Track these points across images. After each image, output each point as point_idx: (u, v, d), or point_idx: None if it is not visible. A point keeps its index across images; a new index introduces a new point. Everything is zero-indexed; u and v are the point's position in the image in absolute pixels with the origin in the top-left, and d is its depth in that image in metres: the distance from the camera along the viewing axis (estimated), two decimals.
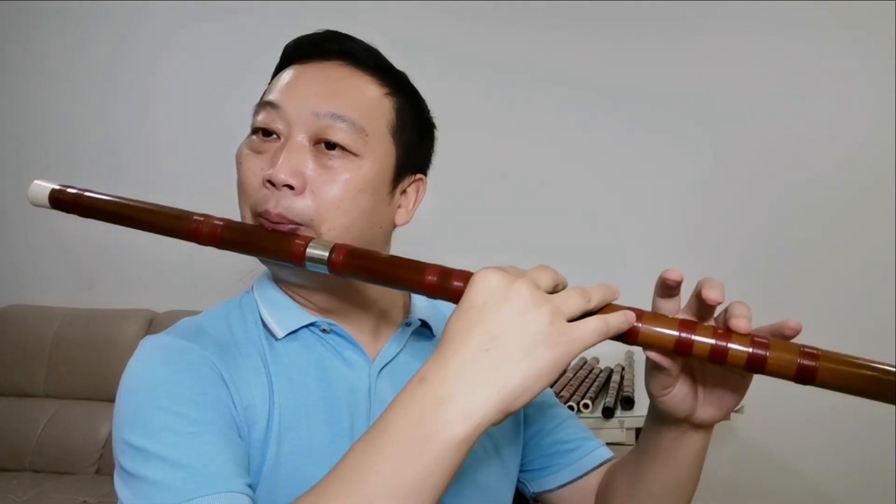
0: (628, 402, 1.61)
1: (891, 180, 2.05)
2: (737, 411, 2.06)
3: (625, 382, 1.75)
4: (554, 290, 0.51)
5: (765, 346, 0.48)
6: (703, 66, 2.20)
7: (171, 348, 0.61)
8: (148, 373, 0.58)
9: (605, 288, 0.51)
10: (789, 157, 2.14)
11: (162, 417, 0.54)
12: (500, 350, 0.45)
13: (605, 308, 0.51)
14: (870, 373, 0.47)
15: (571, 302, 0.49)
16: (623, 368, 1.90)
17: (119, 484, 0.54)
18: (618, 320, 0.49)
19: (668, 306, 0.54)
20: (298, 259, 0.57)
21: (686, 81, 2.20)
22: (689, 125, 2.20)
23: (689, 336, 0.49)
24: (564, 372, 1.85)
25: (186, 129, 2.46)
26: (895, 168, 2.05)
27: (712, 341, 0.49)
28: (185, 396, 0.56)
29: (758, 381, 0.58)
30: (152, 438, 0.53)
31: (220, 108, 2.16)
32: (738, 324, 0.49)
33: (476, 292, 0.48)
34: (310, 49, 0.68)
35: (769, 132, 2.15)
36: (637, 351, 2.04)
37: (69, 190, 0.64)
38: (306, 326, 0.68)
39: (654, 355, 0.53)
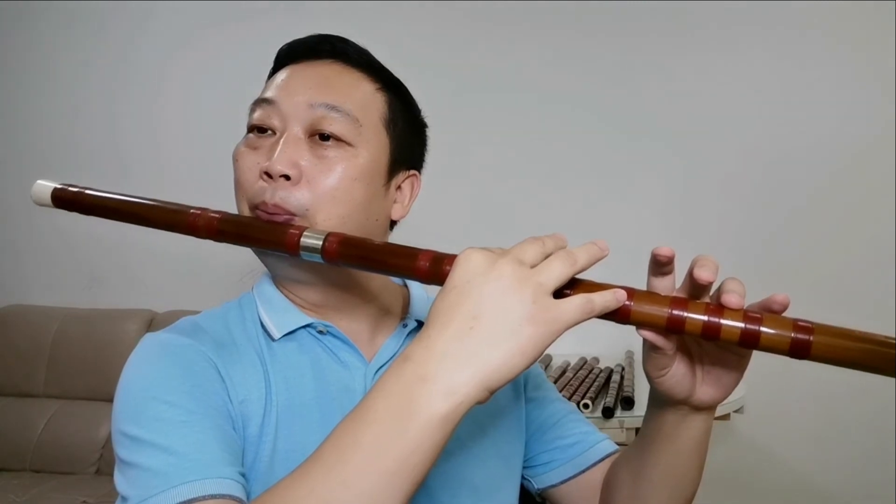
0: (628, 403, 1.61)
1: (883, 169, 2.08)
2: (737, 411, 2.06)
3: (625, 382, 1.75)
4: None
5: (758, 321, 0.47)
6: (693, 63, 2.22)
7: (168, 344, 0.61)
8: (144, 367, 0.59)
9: (592, 246, 0.51)
10: (778, 149, 2.16)
11: (156, 407, 0.55)
12: (483, 329, 0.45)
13: (595, 286, 0.50)
14: (865, 345, 0.46)
15: (556, 272, 0.48)
16: (623, 368, 1.90)
17: (116, 474, 0.55)
18: (604, 299, 0.49)
19: (662, 285, 0.54)
20: (293, 248, 0.58)
21: (675, 81, 2.22)
22: (679, 122, 2.23)
23: (681, 313, 0.49)
24: (564, 371, 1.86)
25: (195, 132, 2.46)
26: (894, 153, 2.07)
27: (704, 317, 0.48)
28: (179, 388, 0.57)
29: (756, 381, 0.58)
30: (146, 427, 0.54)
31: (230, 111, 2.15)
32: (730, 299, 0.48)
33: (460, 272, 0.48)
34: (303, 51, 0.69)
35: (758, 127, 2.18)
36: (637, 351, 2.05)
37: (70, 188, 0.65)
38: (303, 328, 0.68)
39: (647, 334, 0.52)
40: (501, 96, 2.30)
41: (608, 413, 1.58)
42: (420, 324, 0.75)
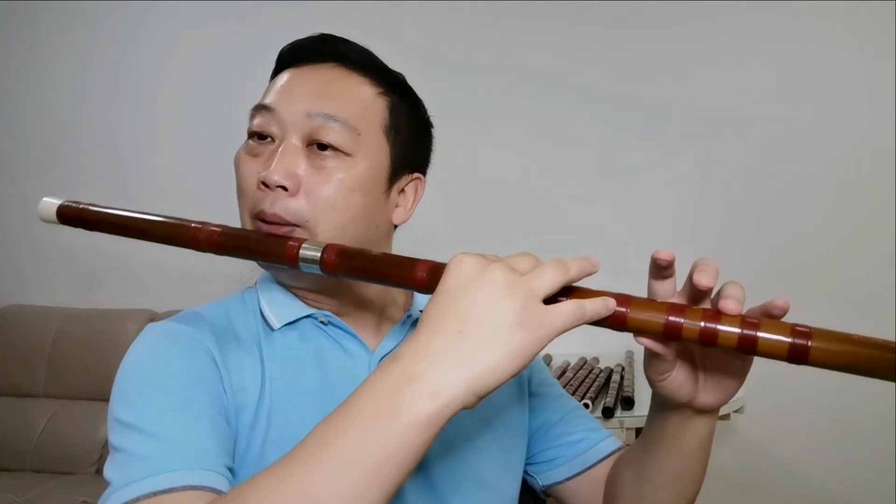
0: (628, 402, 1.61)
1: (888, 170, 2.08)
2: (737, 411, 2.05)
3: (625, 382, 1.75)
4: None
5: (755, 327, 0.47)
6: (699, 64, 2.21)
7: (167, 332, 0.62)
8: (143, 354, 0.60)
9: (584, 261, 0.51)
10: (785, 149, 2.16)
11: (149, 394, 0.56)
12: (473, 333, 0.45)
13: (588, 293, 0.50)
14: (865, 349, 0.45)
15: (547, 279, 0.48)
16: (623, 368, 1.90)
17: (106, 461, 0.55)
18: (595, 306, 0.49)
19: (662, 288, 0.54)
20: (292, 261, 0.58)
21: (682, 80, 2.22)
22: (686, 122, 2.22)
23: (677, 320, 0.49)
24: (564, 371, 1.86)
25: (191, 132, 2.46)
26: (894, 158, 2.07)
27: (701, 324, 0.48)
28: (174, 374, 0.57)
29: (757, 381, 0.58)
30: (138, 413, 0.54)
31: (226, 111, 2.15)
32: (728, 305, 0.48)
33: (451, 277, 0.48)
34: (304, 52, 0.69)
35: (765, 127, 2.17)
36: (637, 351, 2.05)
37: (75, 205, 0.66)
38: (306, 317, 0.69)
39: (645, 341, 0.52)
40: (505, 94, 2.29)
41: (608, 413, 1.58)
42: None
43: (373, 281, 0.58)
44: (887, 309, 2.00)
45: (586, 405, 1.60)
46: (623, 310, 0.50)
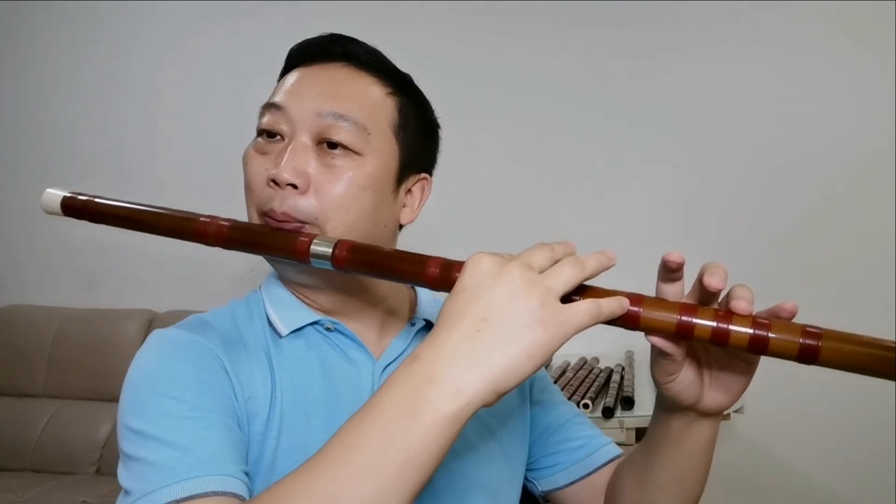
0: (628, 403, 1.62)
1: (887, 170, 2.08)
2: (737, 411, 2.05)
3: (625, 383, 1.75)
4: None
5: (766, 327, 0.48)
6: (700, 64, 2.22)
7: (176, 340, 0.62)
8: (151, 362, 0.59)
9: (600, 255, 0.51)
10: (784, 150, 2.16)
11: (162, 403, 0.55)
12: (492, 331, 0.46)
13: (601, 292, 0.51)
14: (873, 350, 0.46)
15: (564, 276, 0.49)
16: (623, 368, 1.90)
17: (119, 468, 0.55)
18: (611, 305, 0.49)
19: (671, 290, 0.54)
20: (303, 256, 0.58)
21: (684, 80, 2.22)
22: (687, 123, 2.22)
23: (690, 319, 0.49)
24: (564, 371, 1.86)
25: (193, 131, 2.46)
26: (894, 157, 2.07)
27: (713, 323, 0.48)
28: (185, 384, 0.57)
29: (757, 381, 0.58)
30: (151, 422, 0.54)
31: (227, 110, 2.16)
32: (739, 305, 0.49)
33: (469, 276, 0.49)
34: (313, 52, 0.69)
35: (763, 127, 2.17)
36: (637, 351, 2.07)
37: (80, 197, 0.65)
38: (311, 324, 0.69)
39: (656, 340, 0.52)
40: (505, 94, 2.29)
41: (608, 413, 1.58)
42: (427, 323, 0.75)
43: (384, 277, 0.58)
44: (887, 309, 2.00)
45: (586, 405, 1.60)
46: (636, 309, 0.50)
